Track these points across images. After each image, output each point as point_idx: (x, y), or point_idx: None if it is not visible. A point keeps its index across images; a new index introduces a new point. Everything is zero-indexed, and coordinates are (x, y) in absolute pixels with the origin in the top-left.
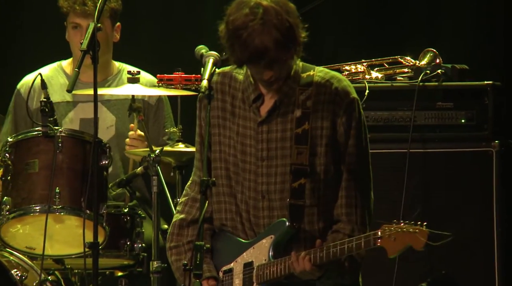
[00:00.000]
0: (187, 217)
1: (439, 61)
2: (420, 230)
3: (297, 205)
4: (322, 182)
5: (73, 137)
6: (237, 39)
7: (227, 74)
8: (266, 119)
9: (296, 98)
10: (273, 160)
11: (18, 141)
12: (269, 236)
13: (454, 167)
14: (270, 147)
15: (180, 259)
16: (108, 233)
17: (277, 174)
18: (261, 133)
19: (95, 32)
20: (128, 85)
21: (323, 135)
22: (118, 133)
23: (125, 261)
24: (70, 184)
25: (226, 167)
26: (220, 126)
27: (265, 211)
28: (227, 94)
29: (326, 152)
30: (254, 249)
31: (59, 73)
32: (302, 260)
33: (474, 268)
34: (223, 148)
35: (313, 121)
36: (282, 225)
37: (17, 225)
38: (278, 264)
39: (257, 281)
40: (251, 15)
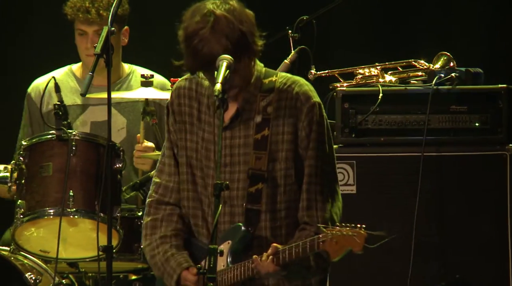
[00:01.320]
0: (156, 217)
1: (453, 64)
2: (358, 232)
3: (253, 209)
4: (282, 186)
5: (87, 140)
6: (188, 46)
7: (194, 80)
8: (229, 126)
9: (257, 104)
10: (235, 166)
11: (32, 145)
12: (227, 241)
13: (468, 171)
14: (232, 153)
15: (154, 254)
16: (122, 236)
17: (239, 179)
18: (224, 140)
19: (109, 37)
20: (142, 88)
21: (284, 140)
22: (129, 136)
23: (139, 264)
24: (84, 187)
25: (192, 172)
26: (187, 132)
27: (226, 216)
28: (193, 100)
29: (286, 157)
30: None
31: (69, 77)
32: (265, 262)
33: (488, 272)
34: (189, 153)
35: (274, 127)
36: (238, 230)
37: (31, 228)
38: (235, 269)
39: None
40: (202, 23)
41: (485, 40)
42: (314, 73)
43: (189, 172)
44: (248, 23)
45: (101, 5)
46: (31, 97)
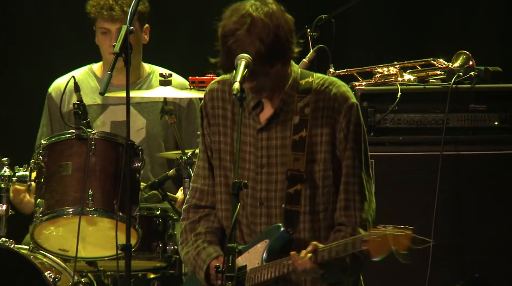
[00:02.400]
0: (194, 219)
1: (472, 63)
2: (405, 233)
3: (292, 210)
4: (321, 188)
5: (106, 139)
6: (223, 45)
7: (227, 82)
8: (265, 127)
9: (295, 105)
10: (272, 167)
11: (51, 144)
12: (264, 240)
13: (487, 169)
14: (269, 154)
15: (188, 251)
16: (141, 235)
17: (277, 181)
18: (261, 141)
19: (127, 35)
20: (160, 87)
21: (322, 142)
22: (148, 136)
23: (158, 263)
24: (103, 186)
25: (225, 174)
26: (221, 134)
27: (263, 217)
28: (227, 102)
29: (325, 158)
30: (248, 254)
31: (89, 77)
32: (303, 259)
33: (507, 271)
34: (223, 155)
35: (312, 128)
36: (277, 230)
37: (51, 227)
38: (270, 267)
39: (248, 283)
40: (238, 24)
41: (504, 39)
42: (332, 72)
43: (222, 174)
44: (285, 28)
45: (124, 2)
46: (52, 97)
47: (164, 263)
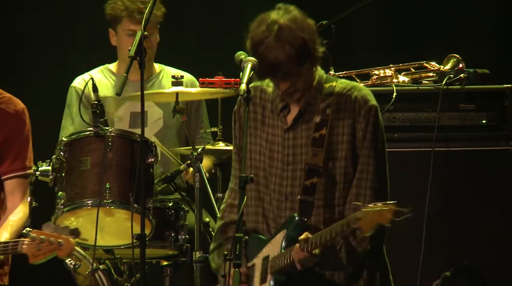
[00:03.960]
0: (226, 221)
1: (462, 66)
2: (389, 207)
3: (307, 201)
4: (341, 183)
5: (122, 137)
6: (255, 54)
7: (258, 88)
8: (291, 127)
9: (317, 106)
10: (297, 164)
11: (71, 141)
12: (282, 230)
13: (475, 165)
14: (295, 152)
15: (220, 252)
16: (154, 226)
17: (300, 176)
18: (287, 140)
19: (142, 40)
20: (172, 87)
21: (343, 140)
22: (165, 126)
23: (170, 251)
24: (119, 180)
25: (255, 172)
26: (252, 135)
27: (287, 211)
28: (257, 106)
29: (346, 156)
30: (270, 244)
31: (107, 74)
32: (297, 249)
33: (494, 259)
34: (253, 155)
35: (334, 128)
36: (292, 219)
37: (71, 218)
38: (286, 253)
39: (271, 271)
40: (267, 32)
41: (492, 43)
42: (332, 74)
43: (253, 173)
44: (309, 31)
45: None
46: (73, 94)
47: (176, 251)
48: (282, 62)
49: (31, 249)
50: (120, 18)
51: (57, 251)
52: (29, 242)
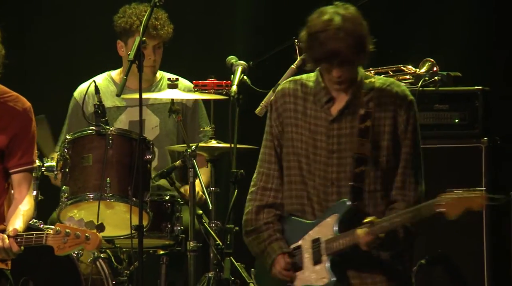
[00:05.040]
0: (260, 203)
1: (436, 69)
2: (480, 194)
3: (357, 187)
4: (383, 170)
5: (122, 135)
6: (316, 41)
7: (298, 81)
8: (336, 118)
9: (361, 99)
10: (342, 152)
11: (75, 139)
12: (334, 214)
13: (449, 161)
14: (340, 141)
15: (259, 237)
16: (152, 218)
17: (346, 164)
18: (333, 130)
19: (140, 45)
20: (168, 90)
21: (385, 131)
22: (161, 133)
23: (166, 241)
24: (119, 175)
25: (298, 159)
26: (293, 125)
27: (334, 195)
28: (299, 98)
29: (388, 146)
30: (319, 227)
31: (109, 82)
32: (365, 233)
33: (466, 247)
34: (296, 143)
35: (376, 120)
36: (344, 204)
37: (74, 210)
38: (343, 237)
39: (326, 252)
40: (329, 21)
41: (464, 48)
42: None
43: (295, 159)
44: (365, 28)
45: (163, 22)
46: (76, 101)
47: (172, 241)
48: (341, 50)
49: (56, 241)
50: (134, 33)
51: (84, 245)
52: (54, 234)
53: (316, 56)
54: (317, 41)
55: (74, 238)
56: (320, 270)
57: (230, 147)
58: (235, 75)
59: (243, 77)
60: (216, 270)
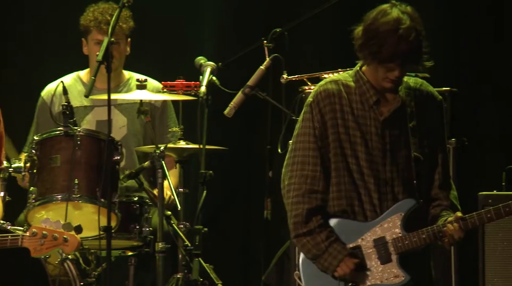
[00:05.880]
0: (310, 206)
1: None
2: None
3: (417, 186)
4: (427, 168)
5: (90, 136)
6: (384, 40)
7: (339, 82)
8: (389, 117)
9: (407, 99)
10: (395, 152)
11: (43, 140)
12: (399, 213)
13: None
14: (392, 140)
15: (315, 238)
16: (120, 219)
17: (399, 163)
18: (385, 130)
19: (109, 46)
20: (137, 91)
21: (426, 130)
22: (129, 132)
23: (135, 242)
24: (87, 176)
25: (346, 160)
26: (340, 126)
27: (389, 195)
28: (343, 98)
29: (428, 144)
30: (383, 226)
31: (77, 82)
32: (456, 228)
33: None
34: (344, 144)
35: (419, 118)
36: (409, 203)
37: (42, 211)
38: (417, 235)
39: (397, 251)
40: (400, 21)
41: (432, 50)
42: (286, 77)
43: (343, 160)
44: (423, 27)
45: (121, 18)
46: (44, 100)
47: (140, 242)
48: (411, 51)
49: (33, 243)
50: (89, 29)
51: (62, 247)
52: (30, 236)
53: (385, 56)
54: (387, 41)
55: (52, 240)
56: (391, 269)
57: (199, 148)
58: (204, 76)
59: (212, 78)
60: (184, 271)
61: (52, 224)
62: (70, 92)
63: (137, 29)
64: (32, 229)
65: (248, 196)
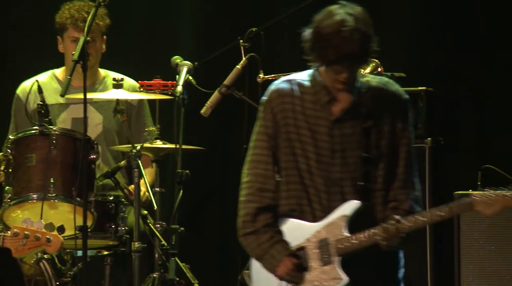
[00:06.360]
0: (259, 205)
1: (380, 70)
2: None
3: (365, 187)
4: (384, 170)
5: (65, 135)
6: (329, 43)
7: (293, 81)
8: (340, 118)
9: (362, 99)
10: (345, 152)
11: (18, 139)
12: (343, 214)
13: None
14: (343, 140)
15: (259, 238)
16: (96, 218)
17: (350, 163)
18: (335, 129)
19: (85, 45)
20: (114, 90)
21: (385, 130)
22: (105, 130)
23: (110, 242)
24: (63, 175)
25: (296, 159)
26: (291, 125)
27: (338, 195)
28: (296, 98)
29: (388, 145)
30: (327, 227)
31: (52, 80)
32: (388, 231)
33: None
34: (294, 143)
35: (377, 118)
36: (354, 204)
37: (17, 211)
38: (359, 237)
39: (338, 253)
40: (343, 22)
41: (408, 49)
42: (262, 77)
43: (294, 160)
44: (372, 27)
45: (97, 16)
46: (19, 98)
47: (116, 241)
48: (357, 52)
49: (14, 243)
50: (65, 26)
51: (45, 247)
52: (11, 236)
53: (330, 59)
54: (330, 43)
55: (34, 240)
56: (331, 271)
57: (176, 148)
58: (180, 76)
59: (189, 77)
60: (160, 270)
61: (34, 224)
62: (46, 90)
63: (114, 28)
64: (13, 229)
65: (225, 196)
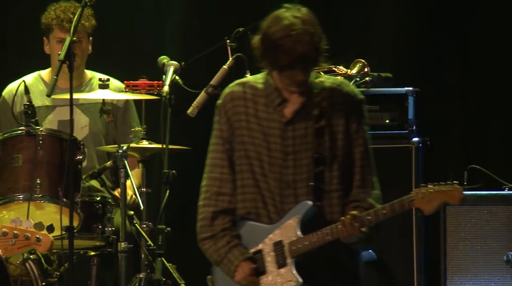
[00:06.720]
0: (215, 209)
1: (367, 70)
2: (454, 187)
3: (318, 187)
4: (340, 170)
5: (52, 135)
6: (279, 48)
7: (246, 84)
8: (292, 119)
9: (314, 100)
10: (298, 154)
11: (4, 139)
12: (295, 216)
13: (379, 160)
14: (295, 142)
15: (216, 243)
16: (82, 218)
17: (303, 165)
18: (287, 132)
19: (71, 45)
20: (99, 90)
21: (339, 131)
22: (91, 132)
23: (97, 242)
24: (49, 176)
25: (250, 162)
26: (244, 128)
27: (291, 197)
28: (248, 100)
29: (343, 145)
30: (281, 230)
31: (38, 81)
32: (351, 225)
33: (396, 245)
34: (247, 146)
35: (330, 119)
36: (305, 205)
37: (3, 211)
38: (311, 238)
39: (291, 255)
40: (292, 26)
41: (394, 50)
42: (248, 77)
43: (248, 163)
44: (320, 28)
45: (83, 16)
46: (5, 99)
47: (103, 242)
48: (308, 55)
49: (3, 243)
50: (51, 27)
51: (35, 246)
52: (0, 236)
53: (283, 63)
54: (281, 48)
55: (23, 240)
56: (285, 273)
57: (162, 148)
58: (166, 76)
59: (175, 77)
60: (147, 271)
61: (23, 223)
62: (32, 91)
63: (100, 28)
64: (2, 229)
65: None
